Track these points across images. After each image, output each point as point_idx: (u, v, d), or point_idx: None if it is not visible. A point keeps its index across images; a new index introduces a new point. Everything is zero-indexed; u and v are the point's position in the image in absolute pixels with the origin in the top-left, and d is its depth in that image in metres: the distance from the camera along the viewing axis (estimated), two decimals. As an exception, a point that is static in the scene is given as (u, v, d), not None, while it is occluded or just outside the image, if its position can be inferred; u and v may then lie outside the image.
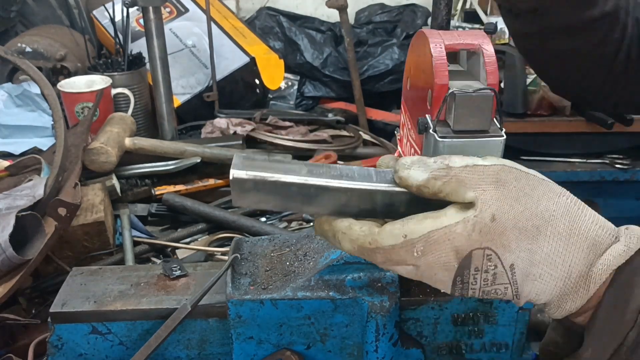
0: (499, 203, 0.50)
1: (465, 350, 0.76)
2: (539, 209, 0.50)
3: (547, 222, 0.50)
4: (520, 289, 0.51)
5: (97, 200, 1.17)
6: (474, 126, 0.59)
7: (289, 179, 0.53)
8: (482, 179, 0.50)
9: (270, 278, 0.73)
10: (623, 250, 0.51)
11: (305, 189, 0.53)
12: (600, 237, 0.51)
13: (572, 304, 0.52)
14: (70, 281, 0.80)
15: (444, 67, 0.59)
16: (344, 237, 0.54)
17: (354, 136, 1.67)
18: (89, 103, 1.44)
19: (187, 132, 1.74)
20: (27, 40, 1.81)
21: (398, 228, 0.51)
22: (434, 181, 0.50)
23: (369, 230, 0.53)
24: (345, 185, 0.53)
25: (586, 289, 0.51)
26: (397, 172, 0.52)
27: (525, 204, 0.50)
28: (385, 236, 0.52)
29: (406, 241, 0.51)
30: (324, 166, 0.55)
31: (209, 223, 1.25)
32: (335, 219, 0.55)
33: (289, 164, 0.55)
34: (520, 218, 0.50)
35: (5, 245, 0.91)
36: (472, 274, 0.51)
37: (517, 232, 0.50)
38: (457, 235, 0.50)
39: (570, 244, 0.50)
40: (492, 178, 0.50)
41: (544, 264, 0.51)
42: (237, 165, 0.53)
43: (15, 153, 1.53)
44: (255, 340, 0.72)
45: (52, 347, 0.75)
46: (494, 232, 0.50)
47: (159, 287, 0.78)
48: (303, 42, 2.20)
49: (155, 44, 1.50)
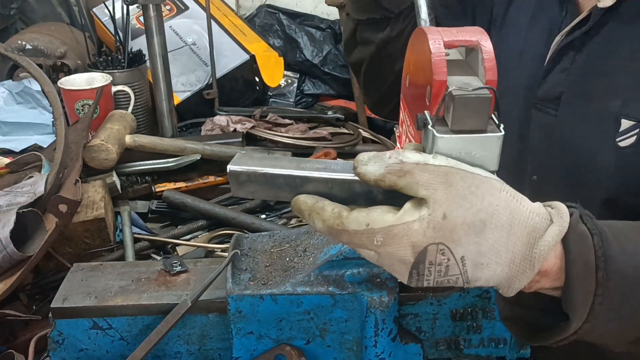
0: (448, 202, 0.55)
1: (464, 345, 0.76)
2: (484, 205, 0.55)
3: (490, 216, 0.55)
4: (471, 277, 0.57)
5: (97, 197, 1.17)
6: (472, 126, 0.59)
7: (277, 172, 0.61)
8: (433, 178, 0.55)
9: (270, 273, 0.73)
10: (559, 230, 0.57)
11: (291, 179, 0.61)
12: (537, 223, 0.57)
13: (519, 283, 0.58)
14: (71, 277, 0.80)
15: (443, 63, 0.60)
16: (317, 216, 0.59)
17: (354, 134, 1.68)
18: (89, 100, 1.44)
19: (187, 129, 1.74)
20: (28, 38, 1.81)
21: (363, 216, 0.57)
22: (389, 176, 0.55)
23: (339, 213, 0.58)
24: (326, 176, 0.60)
25: (531, 268, 0.57)
26: (355, 168, 0.57)
27: (471, 201, 0.55)
28: (351, 221, 0.57)
29: (368, 229, 0.56)
30: (312, 161, 0.63)
31: (209, 220, 1.25)
32: (310, 198, 0.60)
33: (280, 160, 0.63)
34: (467, 214, 0.55)
35: (6, 241, 0.92)
36: (427, 267, 0.56)
37: (465, 227, 0.55)
38: (414, 231, 0.55)
39: (512, 234, 0.56)
40: (441, 178, 0.55)
41: (490, 254, 0.56)
42: (234, 161, 0.62)
43: (15, 150, 1.54)
44: (255, 335, 0.73)
45: (53, 342, 0.76)
46: (445, 229, 0.55)
47: (159, 282, 0.78)
48: (303, 40, 2.20)
49: (155, 41, 1.50)
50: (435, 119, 0.61)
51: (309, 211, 0.60)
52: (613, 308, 0.59)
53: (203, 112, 1.77)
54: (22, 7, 2.05)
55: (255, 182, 0.61)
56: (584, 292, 0.58)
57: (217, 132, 1.60)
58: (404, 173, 0.55)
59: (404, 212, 0.56)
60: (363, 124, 1.92)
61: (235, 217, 1.23)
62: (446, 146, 0.59)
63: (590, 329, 0.59)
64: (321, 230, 0.59)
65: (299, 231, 0.80)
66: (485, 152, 0.60)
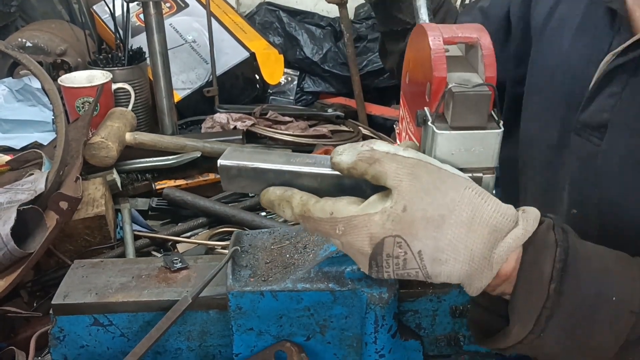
0: (410, 195, 0.55)
1: (464, 342, 0.76)
2: (445, 200, 0.55)
3: (451, 212, 0.55)
4: (431, 272, 0.57)
5: (98, 195, 1.17)
6: (472, 123, 0.60)
7: (267, 166, 0.61)
8: (400, 168, 0.55)
9: (270, 270, 0.74)
10: (521, 233, 0.57)
11: (280, 174, 0.61)
12: (500, 223, 0.56)
13: (479, 282, 0.58)
14: (72, 273, 0.80)
15: (443, 60, 0.60)
16: (287, 204, 0.60)
17: (354, 131, 1.68)
18: (90, 98, 1.44)
19: (187, 127, 1.74)
20: (28, 35, 1.81)
21: (329, 205, 0.58)
22: (360, 163, 0.56)
23: (306, 201, 0.59)
24: (316, 171, 0.60)
25: (490, 269, 0.57)
26: (331, 158, 0.58)
27: (434, 196, 0.55)
28: (317, 209, 0.58)
29: (331, 218, 0.57)
30: (302, 155, 0.63)
31: (209, 217, 1.25)
32: (281, 189, 0.61)
33: (271, 154, 0.63)
34: (428, 209, 0.55)
35: (7, 239, 0.92)
36: (384, 259, 0.57)
37: (424, 221, 0.55)
38: (374, 223, 0.55)
39: (471, 231, 0.55)
40: (408, 170, 0.55)
41: (448, 250, 0.56)
42: (225, 156, 0.63)
43: (16, 147, 1.54)
44: (256, 332, 0.73)
45: (53, 338, 0.76)
46: (404, 221, 0.55)
47: (160, 279, 0.78)
48: (303, 38, 2.20)
49: (155, 39, 1.50)
50: (435, 116, 0.61)
51: (279, 200, 0.60)
52: (564, 328, 0.57)
53: (203, 109, 1.77)
54: (23, 5, 2.05)
55: (245, 176, 0.62)
56: (532, 300, 0.57)
57: (217, 129, 1.60)
58: (373, 161, 0.55)
59: (368, 203, 0.57)
60: (363, 121, 1.92)
61: (236, 214, 1.23)
62: (446, 142, 0.60)
63: (539, 344, 0.58)
64: (290, 218, 0.60)
65: (299, 228, 0.81)
66: (485, 149, 0.60)
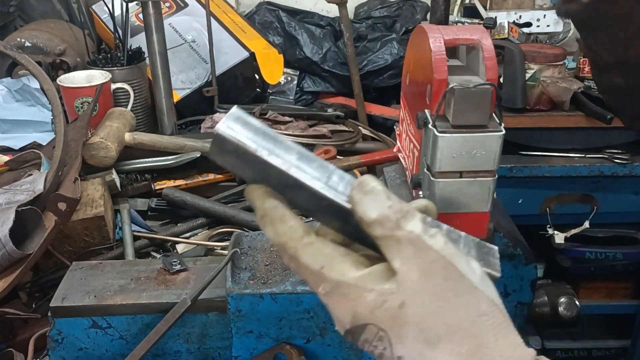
0: (414, 293, 0.46)
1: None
2: (450, 320, 0.45)
3: (451, 336, 0.45)
4: None
5: (97, 195, 1.17)
6: (473, 121, 0.59)
7: (272, 161, 0.48)
8: (417, 255, 0.46)
9: (270, 272, 0.73)
10: None
11: (285, 178, 0.49)
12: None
13: None
14: (71, 275, 0.80)
15: (443, 62, 0.60)
16: (272, 224, 0.50)
17: (354, 131, 1.67)
18: (89, 98, 1.44)
19: (187, 127, 1.74)
20: (27, 35, 1.81)
21: (323, 255, 0.48)
22: (379, 228, 0.46)
23: (299, 235, 0.49)
24: (325, 194, 0.48)
25: None
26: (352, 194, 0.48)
27: (438, 307, 0.45)
28: (307, 252, 0.48)
29: (319, 272, 0.48)
30: (313, 158, 0.50)
31: (208, 218, 1.25)
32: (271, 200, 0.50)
33: (279, 142, 0.49)
34: (426, 319, 0.46)
35: (5, 239, 0.92)
36: (361, 339, 0.48)
37: (417, 330, 0.46)
38: (364, 303, 0.47)
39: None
40: (424, 263, 0.46)
41: None
42: (228, 123, 0.48)
43: (14, 148, 1.54)
44: (255, 334, 0.73)
45: (52, 341, 0.76)
46: (396, 320, 0.46)
47: (159, 281, 0.78)
48: (302, 37, 2.20)
49: (154, 38, 1.50)
50: (435, 118, 0.60)
51: (263, 213, 0.50)
52: None
53: (203, 109, 1.77)
54: (22, 5, 2.04)
55: (241, 158, 0.48)
56: None
57: (217, 129, 1.59)
58: (393, 233, 0.46)
59: (368, 274, 0.47)
60: (363, 121, 1.92)
61: (235, 215, 1.23)
62: (447, 145, 0.59)
63: None
64: (269, 239, 0.51)
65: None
66: (486, 152, 0.60)
